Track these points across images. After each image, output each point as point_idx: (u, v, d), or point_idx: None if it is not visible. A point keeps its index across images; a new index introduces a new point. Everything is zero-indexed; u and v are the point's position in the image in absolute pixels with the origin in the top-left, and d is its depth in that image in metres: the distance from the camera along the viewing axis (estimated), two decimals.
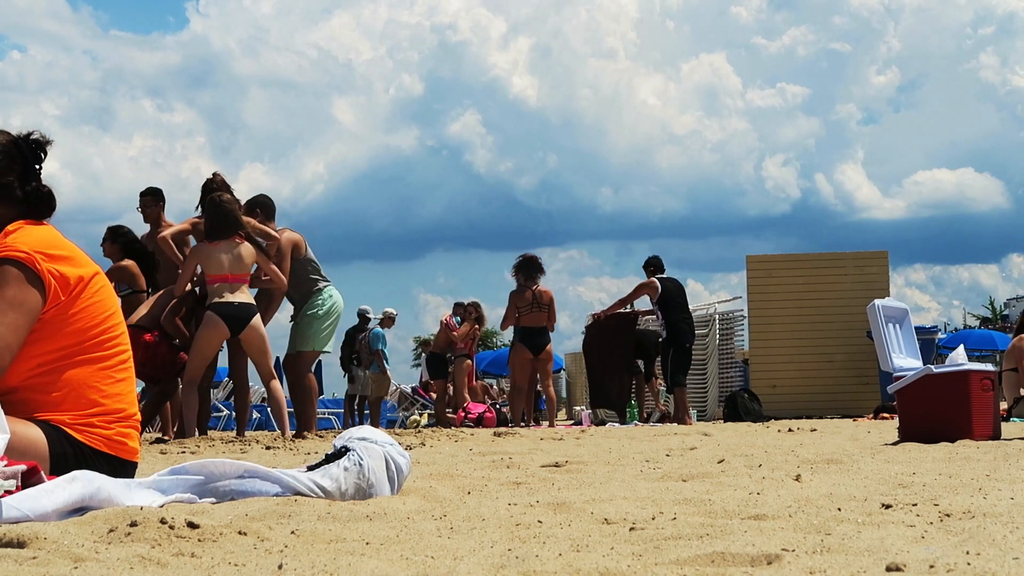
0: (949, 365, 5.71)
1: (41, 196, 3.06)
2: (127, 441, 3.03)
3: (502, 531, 2.35)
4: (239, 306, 7.75)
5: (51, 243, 2.96)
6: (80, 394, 2.94)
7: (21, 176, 3.04)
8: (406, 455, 3.10)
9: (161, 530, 2.18)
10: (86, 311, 2.97)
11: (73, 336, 2.95)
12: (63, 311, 2.93)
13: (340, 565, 1.89)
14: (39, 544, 2.07)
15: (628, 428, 10.80)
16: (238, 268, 7.78)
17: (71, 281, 2.93)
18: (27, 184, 3.04)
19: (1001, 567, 1.75)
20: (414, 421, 16.27)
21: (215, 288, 7.77)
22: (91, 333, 2.98)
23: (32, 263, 2.87)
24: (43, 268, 2.89)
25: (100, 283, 3.04)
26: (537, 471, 4.09)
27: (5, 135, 3.06)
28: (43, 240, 2.95)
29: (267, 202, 8.85)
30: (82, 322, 2.96)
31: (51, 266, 2.90)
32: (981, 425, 5.53)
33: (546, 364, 12.06)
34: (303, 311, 8.71)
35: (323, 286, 8.74)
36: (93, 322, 2.98)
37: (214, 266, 7.75)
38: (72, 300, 2.94)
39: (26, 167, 3.06)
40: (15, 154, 3.04)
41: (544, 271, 11.95)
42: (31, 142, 3.08)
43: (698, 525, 2.35)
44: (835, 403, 14.20)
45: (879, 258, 15.19)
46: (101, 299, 3.02)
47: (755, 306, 15.09)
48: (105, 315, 3.02)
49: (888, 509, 2.57)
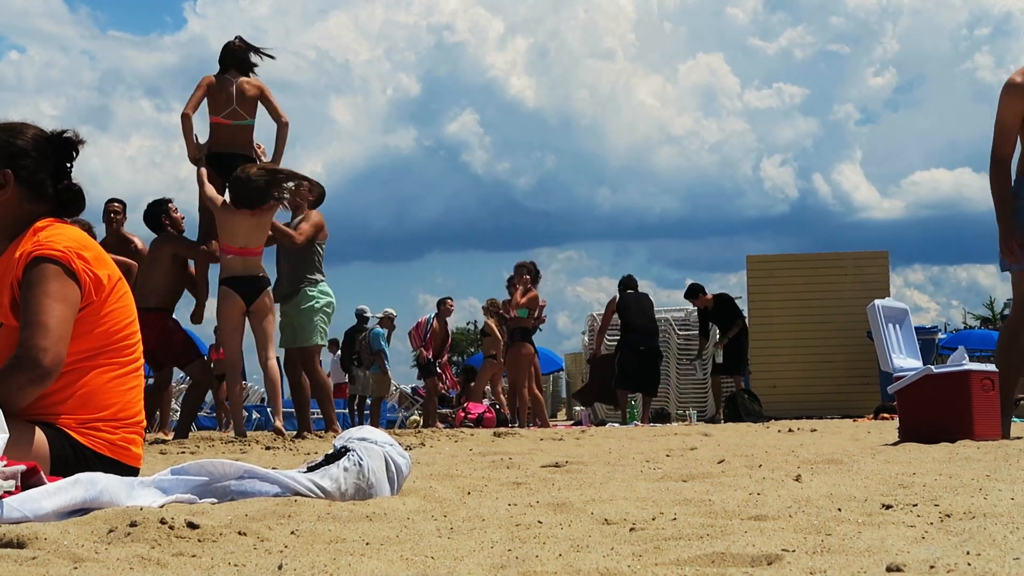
0: (949, 365, 5.71)
1: (72, 195, 3.07)
2: (131, 447, 3.02)
3: (502, 531, 2.35)
4: (251, 278, 7.78)
5: (83, 243, 2.95)
6: (91, 398, 2.93)
7: (53, 174, 3.03)
8: (406, 455, 3.10)
9: (161, 530, 2.18)
10: (112, 315, 2.96)
11: (100, 338, 2.94)
12: (95, 312, 2.92)
13: (340, 565, 1.89)
14: (39, 544, 2.07)
15: (628, 428, 10.80)
16: (255, 241, 7.79)
17: (103, 282, 2.94)
18: (59, 182, 3.04)
19: (1001, 567, 1.75)
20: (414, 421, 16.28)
21: (228, 260, 7.77)
22: (115, 337, 2.97)
23: (68, 261, 2.87)
24: (79, 267, 2.88)
25: (124, 288, 3.03)
26: (537, 471, 4.09)
27: (38, 131, 3.05)
28: (75, 240, 2.95)
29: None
30: (108, 325, 2.95)
31: (85, 266, 2.90)
32: (983, 425, 5.52)
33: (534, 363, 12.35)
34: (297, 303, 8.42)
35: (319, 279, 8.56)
36: (118, 326, 2.98)
37: (231, 236, 7.75)
38: (103, 302, 2.93)
39: (57, 165, 3.05)
40: (48, 151, 3.03)
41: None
42: (64, 140, 3.07)
43: (698, 525, 2.35)
44: (835, 403, 14.21)
45: (879, 258, 15.20)
46: (125, 304, 3.02)
47: (755, 306, 15.09)
48: (128, 320, 3.02)
49: (888, 509, 2.57)
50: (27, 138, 3.01)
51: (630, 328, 13.26)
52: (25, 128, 3.04)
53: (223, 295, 7.78)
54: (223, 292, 7.78)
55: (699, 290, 13.91)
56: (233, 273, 7.77)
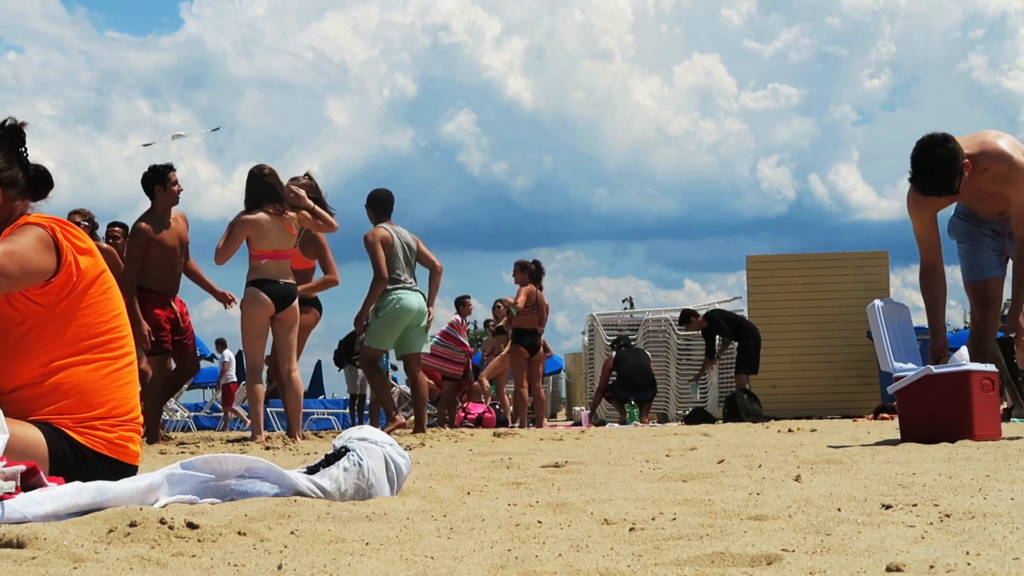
0: (949, 365, 5.71)
1: (41, 177, 3.08)
2: (128, 445, 3.02)
3: (502, 531, 2.35)
4: (284, 284, 7.56)
5: (74, 231, 2.99)
6: (84, 396, 2.94)
7: (21, 164, 3.05)
8: (406, 455, 3.10)
9: (161, 530, 2.18)
10: (96, 306, 2.97)
11: (83, 330, 2.94)
12: (75, 302, 2.93)
13: (340, 565, 1.89)
14: (39, 544, 2.07)
15: (628, 428, 10.81)
16: (284, 244, 7.57)
17: (85, 266, 2.95)
18: (27, 170, 3.06)
19: (1001, 567, 1.75)
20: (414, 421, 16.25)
21: (261, 264, 7.50)
22: (101, 330, 2.98)
23: (52, 231, 2.91)
24: (61, 240, 2.91)
25: (109, 282, 3.05)
26: (537, 471, 4.09)
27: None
28: (66, 223, 2.99)
29: (381, 197, 8.96)
30: (92, 316, 2.96)
31: (69, 244, 2.93)
32: (983, 425, 5.52)
33: (538, 365, 12.24)
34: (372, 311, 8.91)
35: (391, 288, 8.78)
36: (103, 318, 2.99)
37: (260, 241, 7.49)
38: (84, 289, 2.94)
39: (18, 154, 3.07)
40: (7, 146, 3.04)
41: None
42: (14, 129, 3.07)
43: (698, 525, 2.35)
44: (835, 403, 14.21)
45: (879, 258, 15.20)
46: (111, 297, 3.03)
47: (755, 306, 15.09)
48: (114, 314, 3.03)
49: (888, 509, 2.57)
50: None
51: (629, 385, 13.57)
52: None
53: (251, 297, 7.46)
54: (251, 293, 7.46)
55: (690, 315, 13.99)
56: (265, 275, 7.48)
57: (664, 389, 15.78)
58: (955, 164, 5.53)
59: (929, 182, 5.61)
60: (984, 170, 5.66)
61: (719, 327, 13.55)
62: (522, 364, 12.01)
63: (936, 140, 5.56)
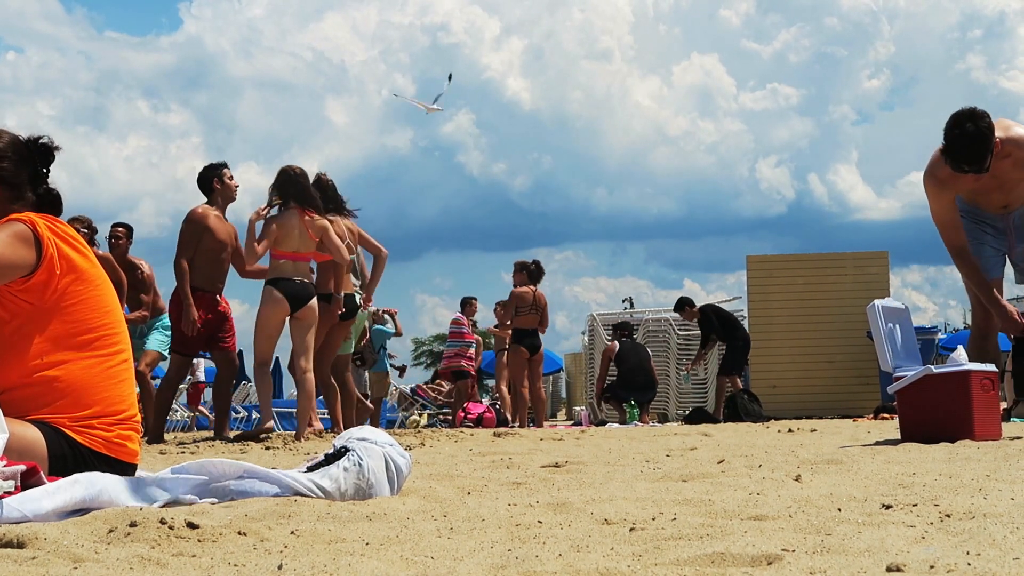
0: (949, 365, 5.71)
1: (51, 198, 3.11)
2: (127, 443, 3.02)
3: (502, 531, 2.35)
4: (301, 284, 7.56)
5: (63, 228, 2.99)
6: (81, 395, 2.94)
7: (31, 178, 3.09)
8: (406, 455, 3.10)
9: (161, 530, 2.18)
10: (87, 302, 2.97)
11: (75, 326, 2.94)
12: (64, 296, 2.93)
13: (340, 565, 1.89)
14: (39, 544, 2.07)
15: (628, 428, 10.80)
16: (304, 247, 7.59)
17: (72, 257, 2.95)
18: (38, 187, 3.09)
19: (1001, 567, 1.75)
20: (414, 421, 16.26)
21: (279, 264, 7.52)
22: (92, 326, 2.98)
23: (33, 225, 2.90)
24: (43, 233, 2.91)
25: (102, 279, 3.05)
26: (537, 471, 4.09)
27: (14, 136, 3.11)
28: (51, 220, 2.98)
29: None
30: (83, 312, 2.96)
31: (53, 237, 2.93)
32: (983, 425, 5.52)
33: (537, 365, 12.25)
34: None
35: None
36: (94, 314, 2.99)
37: (283, 242, 7.51)
38: (74, 280, 2.94)
39: (36, 170, 3.11)
40: (26, 155, 3.09)
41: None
42: (40, 146, 3.12)
43: (698, 525, 2.35)
44: (835, 403, 14.20)
45: (879, 258, 15.19)
46: (102, 294, 3.03)
47: (755, 306, 15.09)
48: (106, 310, 3.03)
49: (888, 509, 2.57)
50: (4, 142, 3.07)
51: (629, 385, 13.59)
52: (1, 133, 3.09)
53: (268, 296, 7.46)
54: (268, 293, 7.46)
55: (685, 303, 14.02)
56: (282, 274, 7.48)
57: (664, 389, 15.79)
58: (990, 140, 5.48)
59: (964, 155, 5.51)
60: (1007, 155, 5.61)
61: (709, 322, 13.58)
62: (522, 364, 12.02)
63: (975, 114, 5.49)
